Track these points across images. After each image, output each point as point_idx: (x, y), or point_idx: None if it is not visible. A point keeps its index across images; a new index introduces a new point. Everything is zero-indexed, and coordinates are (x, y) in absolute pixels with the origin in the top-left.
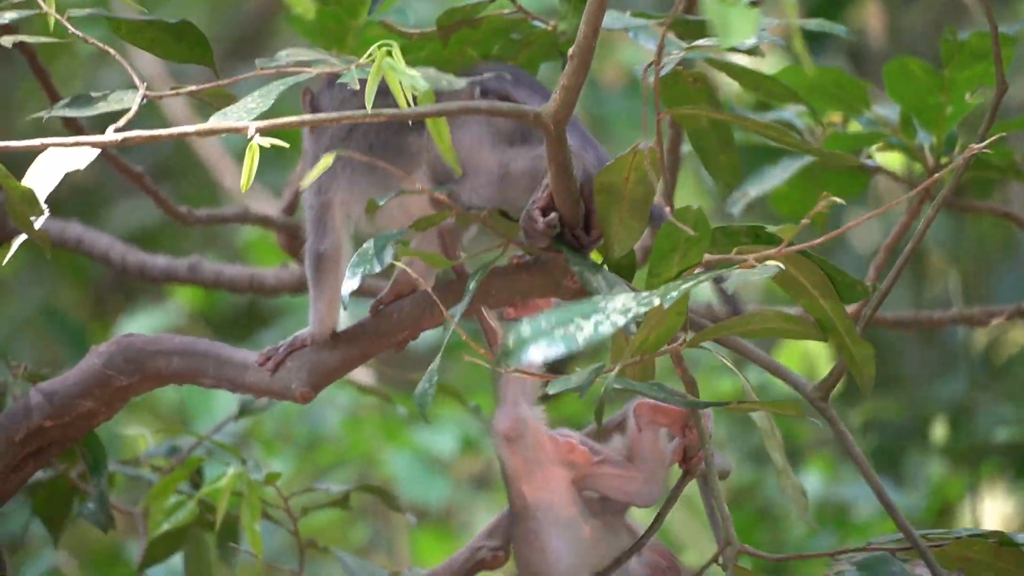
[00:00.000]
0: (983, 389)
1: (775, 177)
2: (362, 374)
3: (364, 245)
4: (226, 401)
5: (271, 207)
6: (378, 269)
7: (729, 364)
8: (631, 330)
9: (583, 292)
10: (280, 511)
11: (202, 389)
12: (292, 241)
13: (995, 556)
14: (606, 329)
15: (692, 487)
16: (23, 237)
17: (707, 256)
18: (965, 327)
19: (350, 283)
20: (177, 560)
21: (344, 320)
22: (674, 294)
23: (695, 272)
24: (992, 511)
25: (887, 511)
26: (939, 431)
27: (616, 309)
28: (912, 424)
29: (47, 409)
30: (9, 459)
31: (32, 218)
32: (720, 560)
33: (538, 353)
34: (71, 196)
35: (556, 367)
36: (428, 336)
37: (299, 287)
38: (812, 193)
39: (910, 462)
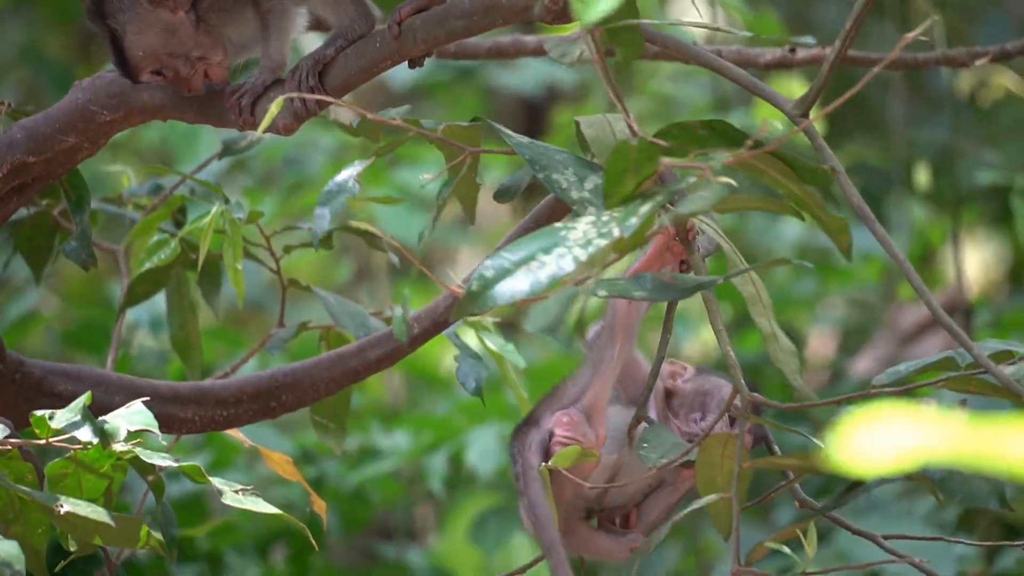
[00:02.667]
0: (966, 134)
1: None
2: (346, 116)
3: None
4: (209, 142)
5: None
6: None
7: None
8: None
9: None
10: (263, 250)
11: (186, 128)
12: None
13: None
14: (568, 265)
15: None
16: None
17: (664, 160)
18: (949, 71)
19: None
20: (159, 299)
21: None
22: (633, 221)
23: (652, 188)
24: (973, 255)
25: (880, 243)
26: (922, 176)
27: (576, 241)
28: (896, 169)
29: (29, 144)
30: None
31: None
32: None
33: (504, 294)
34: None
35: None
36: (409, 74)
37: None
38: None
39: (893, 207)
